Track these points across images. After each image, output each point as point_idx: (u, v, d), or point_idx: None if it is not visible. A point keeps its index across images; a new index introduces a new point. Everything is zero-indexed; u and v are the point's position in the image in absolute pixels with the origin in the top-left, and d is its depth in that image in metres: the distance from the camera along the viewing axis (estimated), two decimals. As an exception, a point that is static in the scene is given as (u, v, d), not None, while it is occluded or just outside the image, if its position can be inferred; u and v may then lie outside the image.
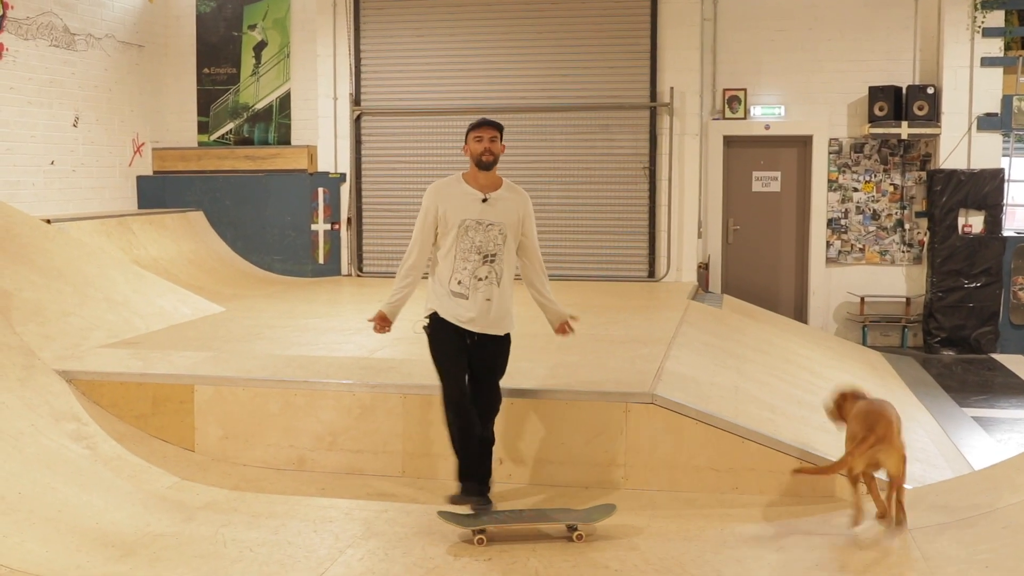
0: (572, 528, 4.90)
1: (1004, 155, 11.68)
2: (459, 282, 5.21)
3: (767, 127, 12.15)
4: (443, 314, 5.25)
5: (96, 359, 6.80)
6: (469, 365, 5.33)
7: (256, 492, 5.65)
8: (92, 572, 4.41)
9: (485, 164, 5.23)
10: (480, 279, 5.20)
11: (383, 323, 5.39)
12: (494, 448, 5.49)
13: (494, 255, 5.22)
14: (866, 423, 4.92)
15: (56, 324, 7.15)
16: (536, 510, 5.24)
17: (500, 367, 5.43)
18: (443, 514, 5.02)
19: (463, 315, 5.21)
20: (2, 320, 6.73)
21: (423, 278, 5.42)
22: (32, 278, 7.57)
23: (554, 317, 5.51)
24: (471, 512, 5.10)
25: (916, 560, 4.51)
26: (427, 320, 5.31)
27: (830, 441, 6.11)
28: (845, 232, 12.15)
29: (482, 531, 4.83)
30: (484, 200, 5.23)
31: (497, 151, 5.25)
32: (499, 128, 5.28)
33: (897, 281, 12.08)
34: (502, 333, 5.34)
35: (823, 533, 4.98)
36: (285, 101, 12.84)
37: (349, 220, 12.52)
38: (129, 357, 6.87)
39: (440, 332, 5.28)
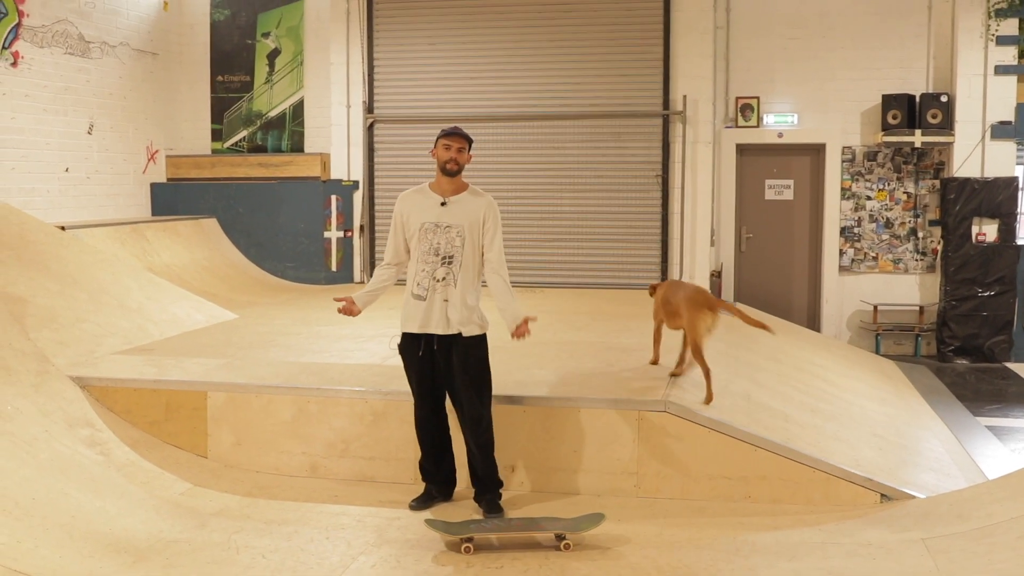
0: (560, 537, 4.88)
1: (1018, 163, 11.63)
2: (419, 284, 5.39)
3: (780, 135, 12.12)
4: (406, 326, 5.44)
5: (110, 365, 6.83)
6: (443, 378, 5.44)
7: (268, 499, 5.67)
8: (105, 578, 4.42)
9: (449, 172, 5.47)
10: (438, 280, 5.36)
11: (350, 305, 5.61)
12: (500, 456, 5.52)
13: (451, 256, 5.37)
14: (666, 296, 6.55)
15: (70, 330, 7.18)
16: (524, 519, 5.23)
17: (472, 374, 5.40)
18: (430, 522, 5.04)
19: (422, 317, 5.35)
20: (17, 326, 6.77)
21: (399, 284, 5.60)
22: (47, 285, 7.61)
23: (510, 320, 5.44)
24: (476, 519, 5.13)
25: (930, 570, 4.48)
26: (399, 339, 5.53)
27: (844, 450, 6.11)
28: (858, 240, 12.11)
29: (469, 539, 4.83)
30: (443, 203, 5.44)
31: (462, 161, 5.47)
32: (468, 140, 5.50)
33: (910, 290, 12.03)
34: (466, 334, 5.36)
35: (836, 542, 4.96)
36: (298, 109, 12.89)
37: (362, 227, 12.55)
38: (143, 364, 6.90)
39: (405, 355, 5.51)
